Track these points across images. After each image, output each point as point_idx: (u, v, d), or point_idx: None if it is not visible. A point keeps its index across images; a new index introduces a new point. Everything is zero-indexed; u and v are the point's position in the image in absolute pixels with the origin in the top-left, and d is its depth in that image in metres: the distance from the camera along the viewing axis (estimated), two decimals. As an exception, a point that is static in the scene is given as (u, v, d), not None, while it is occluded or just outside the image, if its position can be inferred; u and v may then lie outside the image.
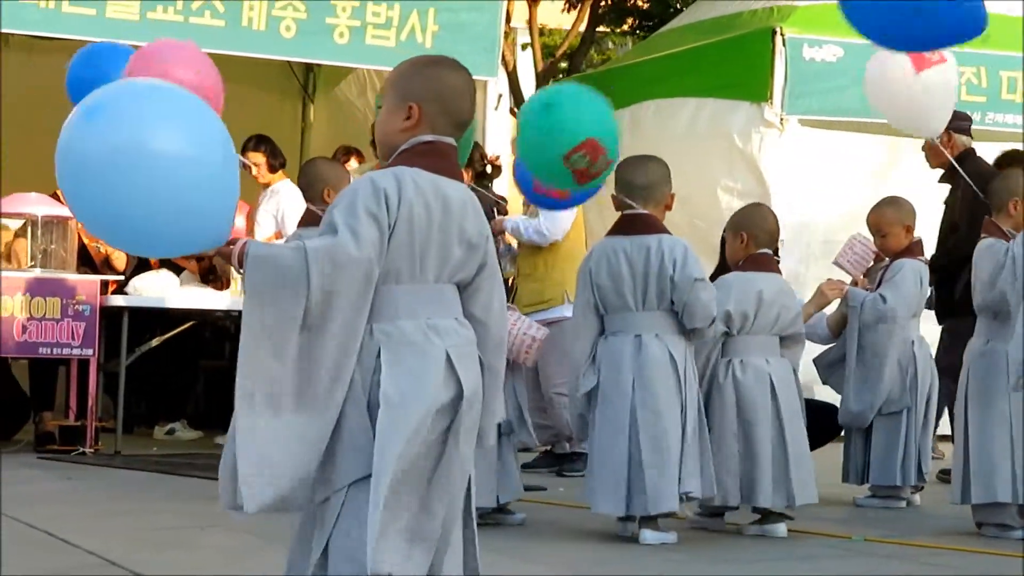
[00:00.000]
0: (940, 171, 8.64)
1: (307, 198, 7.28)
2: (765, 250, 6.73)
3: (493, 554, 5.37)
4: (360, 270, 3.61)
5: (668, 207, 6.38)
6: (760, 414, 6.46)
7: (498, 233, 8.67)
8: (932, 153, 8.63)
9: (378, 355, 3.68)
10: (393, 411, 3.63)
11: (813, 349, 7.83)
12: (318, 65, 12.76)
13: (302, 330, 3.60)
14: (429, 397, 3.65)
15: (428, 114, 3.80)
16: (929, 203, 8.39)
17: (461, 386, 3.69)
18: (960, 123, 8.67)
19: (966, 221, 8.16)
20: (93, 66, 6.89)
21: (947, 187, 8.65)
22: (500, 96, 10.51)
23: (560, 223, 8.64)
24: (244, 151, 9.75)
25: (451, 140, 3.83)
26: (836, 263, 7.84)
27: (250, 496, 3.59)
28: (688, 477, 6.11)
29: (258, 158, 9.94)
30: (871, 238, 7.72)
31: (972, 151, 8.67)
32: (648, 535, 6.12)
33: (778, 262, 7.71)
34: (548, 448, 8.75)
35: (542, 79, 17.84)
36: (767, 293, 6.57)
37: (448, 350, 3.70)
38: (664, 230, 6.29)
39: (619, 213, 6.37)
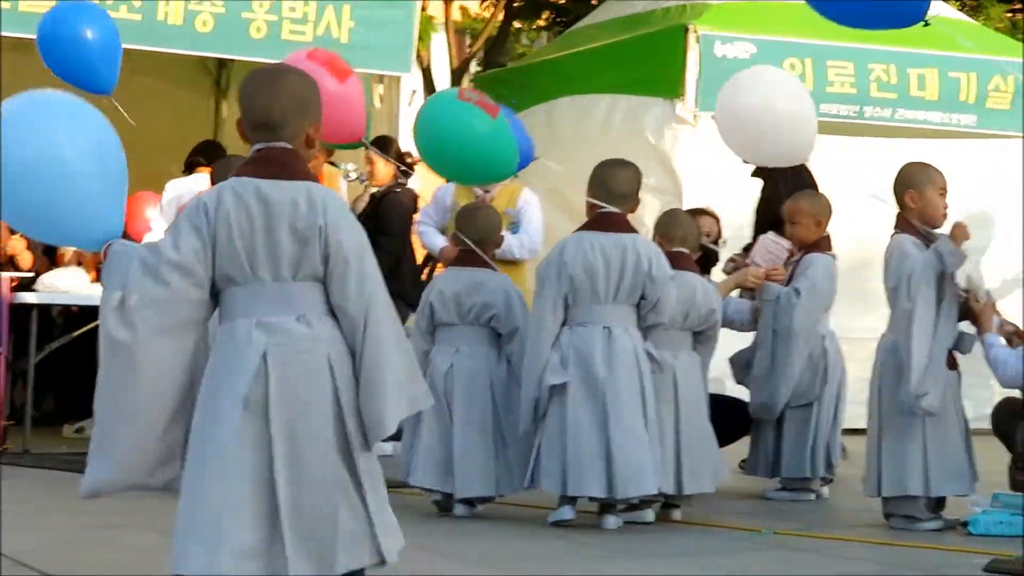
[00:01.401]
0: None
1: None
2: (680, 249, 6.91)
3: (416, 551, 5.38)
4: (176, 271, 3.89)
5: (633, 211, 6.69)
6: (661, 405, 6.58)
7: None
8: None
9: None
10: (201, 403, 3.90)
11: (729, 347, 7.90)
12: (232, 61, 12.69)
13: (124, 324, 3.91)
14: (235, 392, 3.85)
15: (242, 123, 4.08)
16: (840, 196, 8.45)
17: (268, 384, 3.85)
18: None
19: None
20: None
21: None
22: (414, 92, 10.52)
23: (539, 232, 8.63)
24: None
25: (284, 144, 4.02)
26: (751, 261, 7.91)
27: (86, 477, 4.05)
28: (658, 474, 6.37)
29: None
30: (780, 237, 7.81)
31: None
32: (611, 520, 6.41)
33: (708, 259, 7.80)
34: None
35: (457, 75, 17.84)
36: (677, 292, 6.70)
37: (268, 348, 3.87)
38: (636, 231, 6.60)
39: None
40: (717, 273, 8.23)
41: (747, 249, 8.47)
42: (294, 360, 3.89)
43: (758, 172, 8.74)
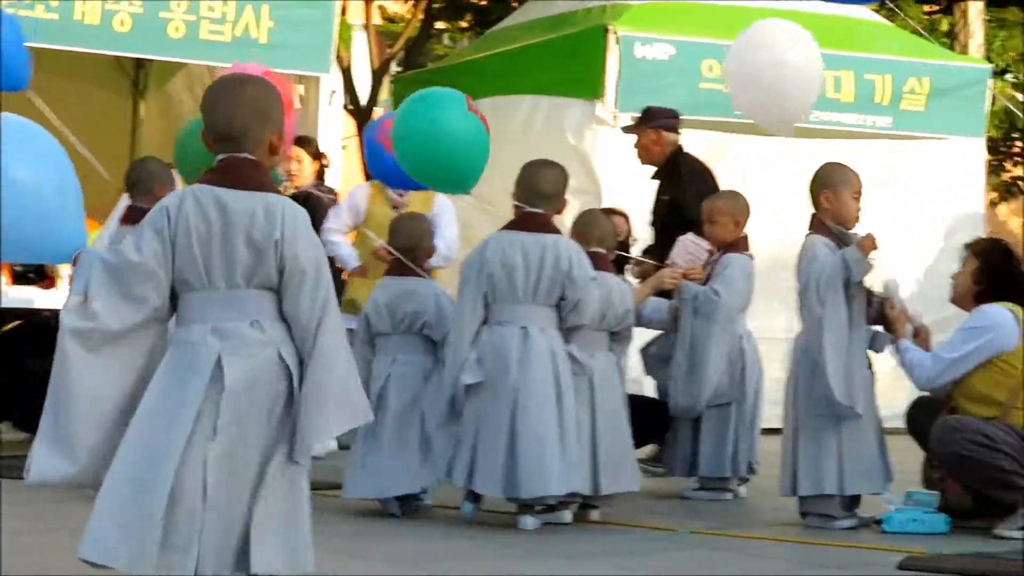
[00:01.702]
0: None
1: (133, 194, 7.22)
2: (597, 249, 6.94)
3: (327, 553, 5.36)
4: (138, 272, 3.97)
5: (559, 211, 6.74)
6: (579, 406, 6.61)
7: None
8: (643, 151, 8.75)
9: None
10: (152, 402, 3.94)
11: (642, 339, 7.95)
12: (150, 61, 12.62)
13: (83, 330, 3.97)
14: (188, 395, 3.91)
15: (205, 135, 4.12)
16: (757, 197, 8.51)
17: (224, 387, 3.90)
18: (668, 120, 8.80)
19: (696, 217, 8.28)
20: None
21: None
22: (333, 92, 10.48)
23: (456, 240, 8.56)
24: None
25: (246, 155, 4.06)
26: (671, 262, 7.94)
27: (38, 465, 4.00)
28: (572, 474, 6.39)
29: None
30: (699, 237, 7.86)
31: (681, 148, 8.80)
32: (528, 521, 6.42)
33: (622, 260, 7.82)
34: None
35: (377, 76, 17.80)
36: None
37: (222, 351, 3.93)
38: (559, 232, 6.64)
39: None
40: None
41: (647, 252, 8.51)
42: (248, 363, 3.95)
43: (659, 175, 8.77)
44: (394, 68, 18.70)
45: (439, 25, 19.66)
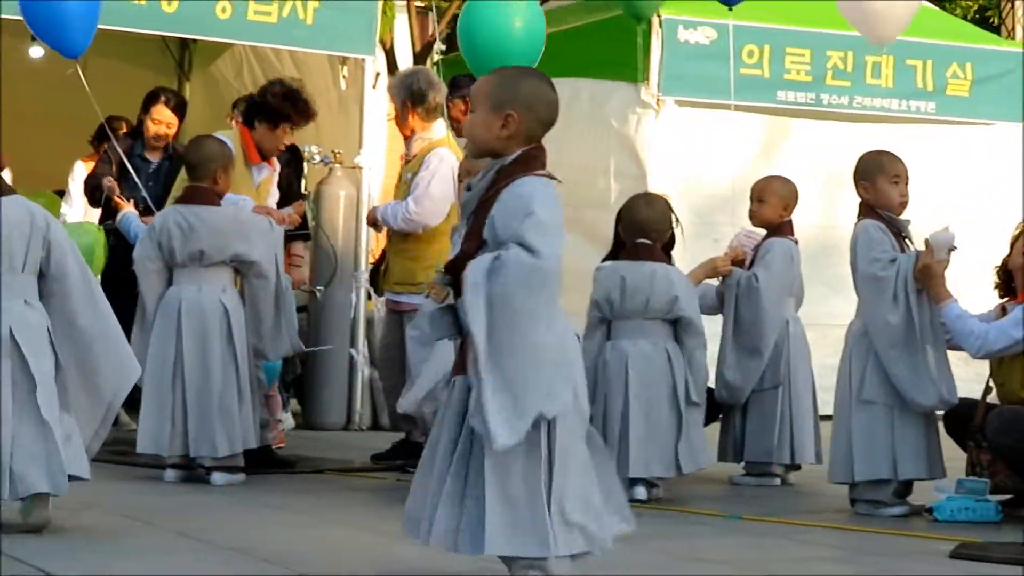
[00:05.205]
0: None
1: (194, 176, 7.32)
2: (642, 240, 6.96)
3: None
4: None
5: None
6: (615, 389, 6.86)
7: (371, 224, 8.51)
8: (456, 124, 8.72)
9: None
10: None
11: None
12: (195, 42, 12.67)
13: None
14: None
15: None
16: (805, 182, 8.50)
17: None
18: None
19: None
20: None
21: None
22: (378, 75, 10.46)
23: (432, 206, 7.97)
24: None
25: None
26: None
27: None
28: None
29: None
30: (755, 230, 7.84)
31: None
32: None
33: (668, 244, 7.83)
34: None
35: (420, 57, 17.78)
36: (631, 280, 6.87)
37: None
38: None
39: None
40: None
41: None
42: None
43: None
44: (439, 48, 18.65)
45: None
